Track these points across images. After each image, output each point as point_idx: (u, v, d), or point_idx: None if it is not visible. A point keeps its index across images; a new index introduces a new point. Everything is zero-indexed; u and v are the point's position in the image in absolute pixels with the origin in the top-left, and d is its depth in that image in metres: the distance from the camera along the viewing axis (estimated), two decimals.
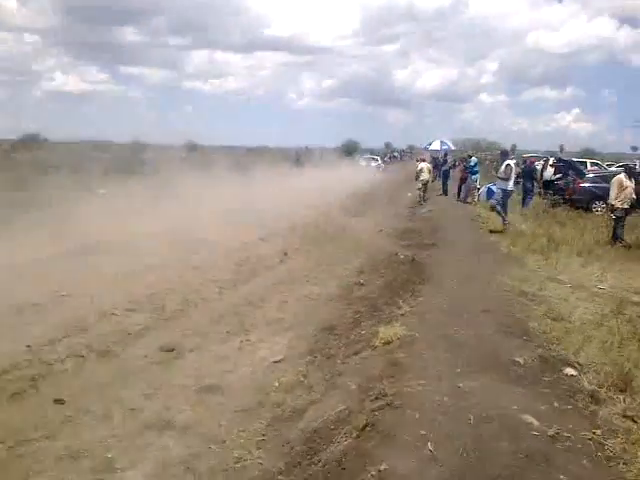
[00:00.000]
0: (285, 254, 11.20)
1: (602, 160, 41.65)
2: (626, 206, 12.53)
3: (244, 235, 12.39)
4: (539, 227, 15.19)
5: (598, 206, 19.87)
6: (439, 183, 28.36)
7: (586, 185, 20.45)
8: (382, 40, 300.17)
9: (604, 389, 4.46)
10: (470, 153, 26.89)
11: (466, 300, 6.85)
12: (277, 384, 5.36)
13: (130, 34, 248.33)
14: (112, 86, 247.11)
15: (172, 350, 6.29)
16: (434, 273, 8.64)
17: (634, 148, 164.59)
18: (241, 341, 6.68)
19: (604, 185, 20.22)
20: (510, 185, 14.60)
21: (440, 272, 8.68)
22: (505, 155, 15.49)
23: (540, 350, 5.18)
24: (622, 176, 12.86)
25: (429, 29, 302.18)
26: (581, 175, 21.20)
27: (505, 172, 14.54)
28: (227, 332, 6.98)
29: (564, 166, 24.01)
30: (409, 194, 30.89)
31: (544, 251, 11.18)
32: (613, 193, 12.62)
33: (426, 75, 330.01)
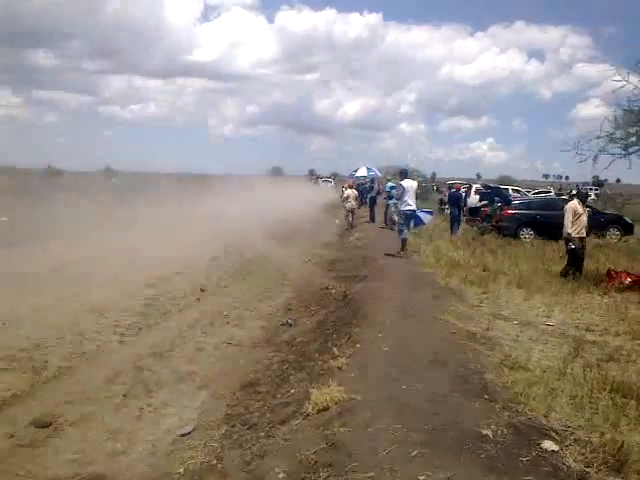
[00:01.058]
0: (203, 290, 9.94)
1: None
2: (583, 235, 11.89)
3: (156, 268, 11.01)
4: (472, 256, 14.67)
5: (526, 233, 19.78)
6: (366, 210, 27.81)
7: (513, 212, 20.30)
8: (303, 69, 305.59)
9: (594, 469, 3.58)
10: (388, 177, 26.64)
11: (410, 345, 5.89)
12: (182, 470, 4.15)
13: (45, 57, 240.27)
14: (26, 110, 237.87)
15: (48, 425, 4.92)
16: (369, 310, 7.69)
17: (546, 175, 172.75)
18: (141, 407, 5.41)
19: (530, 212, 20.33)
20: (407, 206, 13.67)
21: (376, 309, 7.73)
22: (404, 175, 14.57)
23: (507, 414, 4.26)
24: (575, 202, 12.06)
25: (348, 59, 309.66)
26: (507, 202, 21.09)
27: (398, 193, 14.22)
28: (124, 395, 5.67)
29: (489, 193, 24.00)
30: (337, 221, 30.28)
31: (482, 283, 10.53)
32: (568, 222, 11.73)
33: (347, 104, 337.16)
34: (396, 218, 13.98)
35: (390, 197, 21.36)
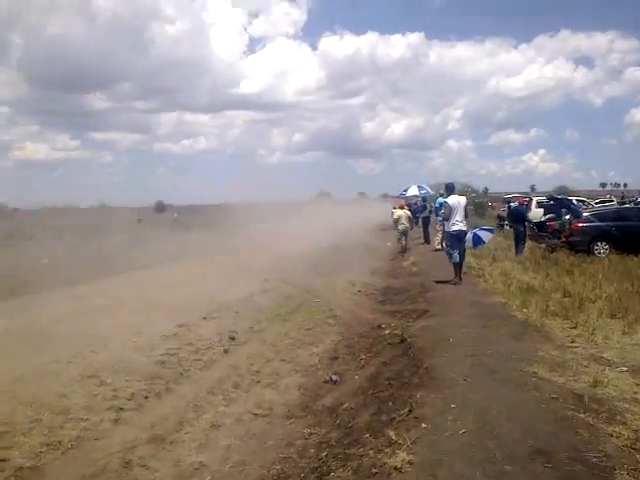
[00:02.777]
0: (232, 338, 8.46)
1: None
2: None
3: (181, 313, 9.56)
4: (546, 278, 12.79)
5: (601, 247, 17.65)
6: (419, 231, 26.09)
7: (585, 225, 18.20)
8: (348, 93, 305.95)
9: None
10: (440, 192, 24.38)
11: (498, 425, 4.20)
12: None
13: (99, 100, 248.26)
14: (83, 152, 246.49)
15: None
16: (435, 362, 6.04)
17: (603, 184, 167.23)
18: None
19: (604, 224, 18.18)
20: (454, 226, 11.95)
21: (443, 360, 6.07)
22: (450, 190, 13.11)
23: None
24: None
25: (392, 80, 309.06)
26: (577, 214, 18.99)
27: (444, 212, 12.50)
28: None
29: (555, 205, 21.91)
30: (388, 244, 28.60)
31: (567, 313, 8.73)
32: None
33: (393, 125, 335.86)
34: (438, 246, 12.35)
35: (437, 215, 19.63)
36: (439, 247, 18.65)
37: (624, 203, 53.44)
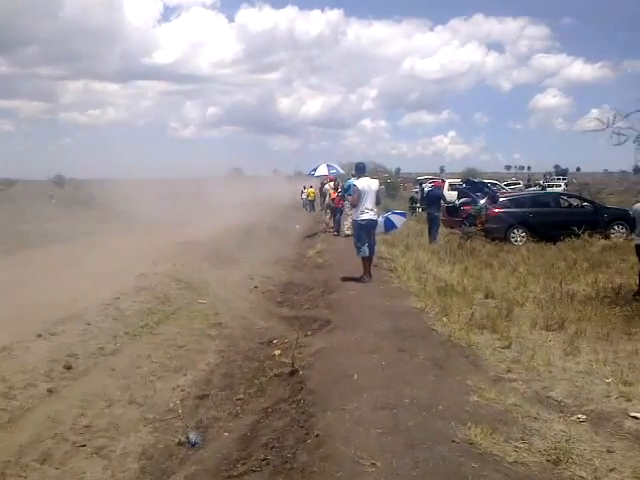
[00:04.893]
0: (68, 368, 6.24)
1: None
2: None
3: (9, 325, 7.23)
4: (464, 272, 11.40)
5: (517, 235, 16.64)
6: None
7: (502, 211, 17.11)
8: (265, 68, 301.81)
9: None
10: (353, 173, 22.03)
11: None
12: None
13: None
14: None
15: None
16: (331, 425, 4.23)
17: (507, 167, 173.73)
18: None
19: (521, 210, 17.21)
20: (363, 214, 10.05)
21: (343, 419, 4.25)
22: (360, 171, 10.85)
23: None
24: None
25: (310, 57, 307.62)
26: (494, 199, 17.90)
27: (352, 197, 10.37)
28: None
29: (470, 188, 20.86)
30: (297, 226, 26.87)
31: (495, 324, 7.24)
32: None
33: (309, 102, 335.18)
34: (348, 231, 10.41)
35: (343, 198, 17.70)
36: (349, 232, 16.91)
37: (530, 186, 54.70)
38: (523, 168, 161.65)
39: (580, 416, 4.60)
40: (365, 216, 10.00)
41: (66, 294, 9.14)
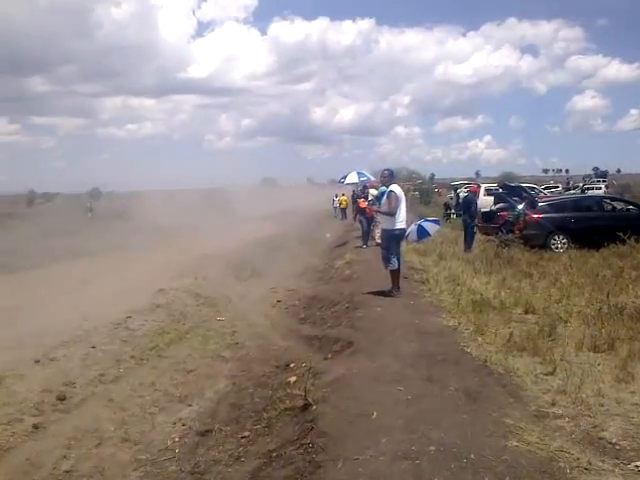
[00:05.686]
0: (61, 399, 5.69)
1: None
2: None
3: (7, 350, 6.77)
4: (502, 284, 10.60)
5: (558, 242, 15.68)
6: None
7: (541, 216, 16.16)
8: (297, 79, 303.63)
9: None
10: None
11: None
12: None
13: (39, 84, 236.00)
14: (23, 137, 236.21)
15: None
16: (344, 466, 3.60)
17: (545, 170, 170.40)
18: None
19: (562, 215, 16.23)
20: (399, 224, 9.37)
21: (355, 474, 3.61)
22: (391, 178, 9.90)
23: None
24: None
25: (342, 66, 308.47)
26: (533, 204, 16.95)
27: (389, 204, 9.31)
28: None
29: (507, 193, 19.88)
30: (327, 235, 26.26)
31: (537, 345, 6.47)
32: None
33: (342, 111, 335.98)
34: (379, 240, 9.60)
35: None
36: (380, 241, 16.19)
37: (569, 189, 52.96)
38: (561, 171, 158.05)
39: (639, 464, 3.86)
40: (401, 225, 9.38)
41: (77, 313, 8.70)
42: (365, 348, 6.49)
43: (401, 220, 9.36)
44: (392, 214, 9.25)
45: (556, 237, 15.80)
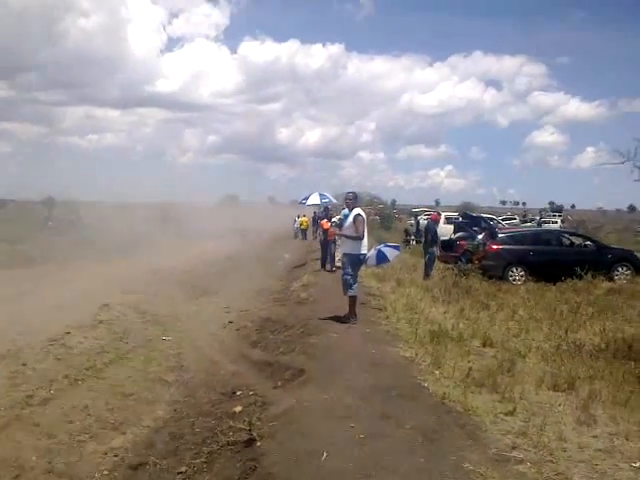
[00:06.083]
0: None
1: None
2: None
3: None
4: (459, 314, 10.41)
5: (516, 274, 15.70)
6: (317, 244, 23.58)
7: (501, 247, 16.16)
8: (265, 99, 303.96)
9: None
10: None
11: None
12: None
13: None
14: None
15: None
16: None
17: (503, 202, 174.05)
18: None
19: (522, 247, 16.29)
20: (363, 248, 9.15)
21: None
22: (355, 200, 9.49)
23: None
24: None
25: (310, 89, 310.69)
26: (493, 235, 16.96)
27: (355, 226, 8.91)
28: None
29: (467, 223, 19.94)
30: (286, 255, 25.89)
31: (496, 381, 6.22)
32: None
33: (308, 133, 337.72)
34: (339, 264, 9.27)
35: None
36: (339, 264, 15.86)
37: (525, 222, 53.96)
38: (518, 203, 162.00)
39: None
40: (365, 250, 9.13)
41: (11, 326, 8.07)
42: (317, 378, 6.12)
43: (365, 244, 9.11)
44: (360, 238, 8.96)
45: (514, 269, 15.84)
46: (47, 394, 5.90)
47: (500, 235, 17.06)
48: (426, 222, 19.84)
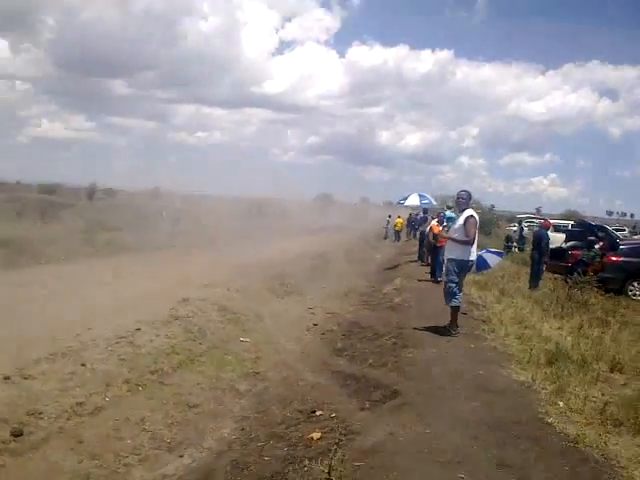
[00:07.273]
0: (16, 435, 4.27)
1: None
2: None
3: None
4: (578, 332, 8.98)
5: (636, 288, 13.94)
6: (414, 245, 22.58)
7: (620, 259, 14.40)
8: (368, 102, 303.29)
9: None
10: (449, 204, 17.97)
11: None
12: None
13: (120, 87, 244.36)
14: (97, 134, 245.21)
15: None
16: None
17: (609, 212, 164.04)
18: None
19: None
20: (472, 253, 7.94)
21: None
22: (468, 200, 8.37)
23: None
24: None
25: (414, 93, 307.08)
26: (613, 246, 15.19)
27: (465, 229, 7.76)
28: None
29: (582, 232, 18.06)
30: (378, 256, 24.86)
31: (638, 419, 4.91)
32: None
33: (408, 137, 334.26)
34: (450, 278, 8.04)
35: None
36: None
37: (635, 233, 49.91)
38: (625, 215, 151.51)
39: None
40: (474, 256, 7.95)
41: (81, 319, 7.53)
42: (415, 403, 5.06)
43: (474, 250, 7.91)
44: (470, 243, 7.77)
45: (635, 283, 14.07)
46: (101, 402, 5.13)
47: (621, 246, 15.24)
48: (537, 229, 18.13)
